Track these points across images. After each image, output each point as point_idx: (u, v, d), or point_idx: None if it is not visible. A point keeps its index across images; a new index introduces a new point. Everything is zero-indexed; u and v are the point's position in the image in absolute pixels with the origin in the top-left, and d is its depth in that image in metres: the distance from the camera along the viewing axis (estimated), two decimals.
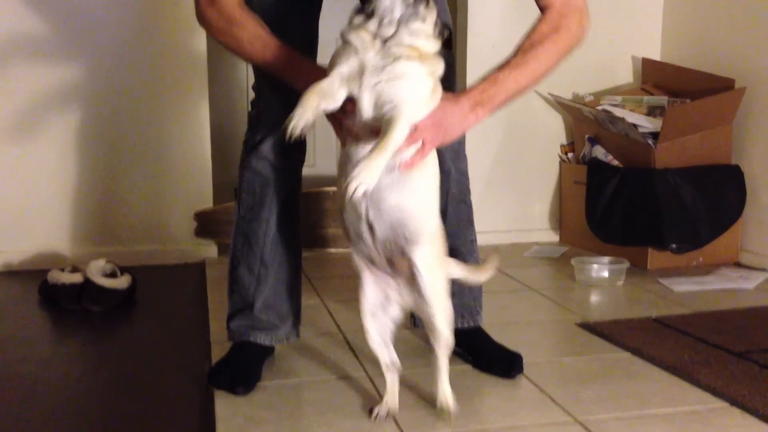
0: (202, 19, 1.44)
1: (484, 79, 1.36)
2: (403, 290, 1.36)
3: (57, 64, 2.65)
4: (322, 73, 1.29)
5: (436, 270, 1.34)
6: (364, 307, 1.37)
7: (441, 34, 1.26)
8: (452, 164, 1.60)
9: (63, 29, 2.63)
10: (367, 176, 1.13)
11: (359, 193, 1.13)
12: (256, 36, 1.40)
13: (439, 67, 1.25)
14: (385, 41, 1.20)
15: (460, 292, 1.65)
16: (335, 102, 1.21)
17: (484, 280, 1.57)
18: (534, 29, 1.40)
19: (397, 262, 1.33)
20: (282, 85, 1.49)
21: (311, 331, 1.89)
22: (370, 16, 1.21)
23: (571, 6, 1.41)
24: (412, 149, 1.24)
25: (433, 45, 1.25)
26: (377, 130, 1.19)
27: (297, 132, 1.17)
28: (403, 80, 1.20)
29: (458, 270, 1.47)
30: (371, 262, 1.35)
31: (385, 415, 1.37)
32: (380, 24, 1.21)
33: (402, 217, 1.27)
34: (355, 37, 1.22)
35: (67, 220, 2.70)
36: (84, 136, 2.69)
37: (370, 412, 1.38)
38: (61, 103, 2.66)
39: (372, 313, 1.37)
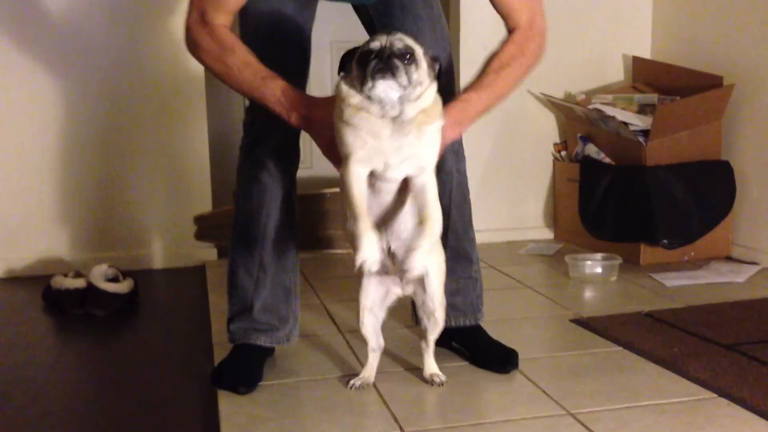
0: (193, 42, 1.44)
1: (460, 98, 1.46)
2: (408, 285, 1.50)
3: (57, 71, 2.68)
4: (317, 106, 1.37)
5: (439, 268, 1.48)
6: (364, 304, 1.50)
7: (432, 68, 1.33)
8: (454, 165, 1.65)
9: (63, 38, 2.66)
10: (421, 264, 1.34)
11: (417, 275, 1.38)
12: (246, 63, 1.40)
13: (437, 97, 1.34)
14: (393, 118, 1.28)
15: (465, 290, 1.70)
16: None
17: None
18: (503, 50, 1.49)
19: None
20: None
21: (311, 331, 1.93)
22: (368, 97, 1.27)
23: (535, 30, 1.51)
24: None
25: (431, 88, 1.33)
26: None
27: (375, 270, 1.34)
28: (424, 147, 1.32)
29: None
30: (385, 273, 1.46)
31: (359, 385, 1.52)
32: (382, 107, 1.27)
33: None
34: (362, 122, 1.28)
35: (69, 227, 2.74)
36: (84, 143, 2.73)
37: (347, 383, 1.52)
38: (61, 110, 2.70)
39: (370, 310, 1.50)
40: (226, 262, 1.69)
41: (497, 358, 1.64)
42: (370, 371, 1.55)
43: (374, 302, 1.50)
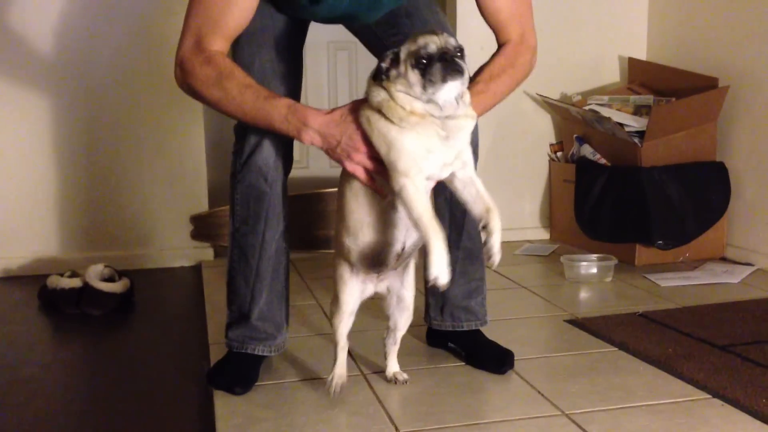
0: (187, 73, 1.38)
1: None
2: (381, 283, 1.48)
3: (53, 72, 2.68)
4: (331, 121, 1.33)
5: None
6: (345, 309, 1.47)
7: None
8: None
9: (60, 38, 2.66)
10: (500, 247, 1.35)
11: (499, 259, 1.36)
12: (246, 85, 1.35)
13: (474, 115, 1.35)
14: (446, 116, 1.26)
15: (477, 291, 1.72)
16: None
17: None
18: (493, 62, 1.51)
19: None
20: None
21: (307, 332, 1.93)
22: (428, 101, 1.24)
23: (525, 44, 1.53)
24: None
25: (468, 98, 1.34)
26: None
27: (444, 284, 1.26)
28: (467, 142, 1.32)
29: None
30: (378, 273, 1.45)
31: (340, 386, 1.48)
32: (444, 109, 1.25)
33: None
34: (424, 131, 1.24)
35: (65, 226, 2.74)
36: (81, 143, 2.72)
37: (328, 391, 1.48)
38: (57, 110, 2.69)
39: (351, 313, 1.48)
40: (221, 262, 1.69)
41: (493, 359, 1.65)
42: (342, 369, 1.51)
43: (355, 307, 1.48)
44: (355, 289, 1.46)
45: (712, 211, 2.68)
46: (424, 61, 1.22)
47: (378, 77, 1.28)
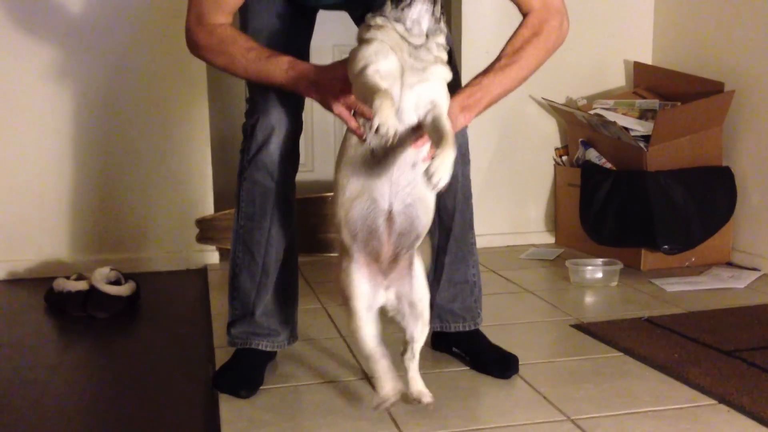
0: (193, 44, 1.46)
1: (471, 83, 1.43)
2: (398, 287, 1.38)
3: (59, 74, 2.68)
4: (327, 69, 1.35)
5: (422, 265, 1.43)
6: (358, 305, 1.34)
7: (448, 44, 1.34)
8: (460, 168, 1.63)
9: (64, 38, 2.67)
10: (446, 171, 1.17)
11: (441, 187, 1.16)
12: (249, 48, 1.42)
13: (449, 75, 1.32)
14: (414, 47, 1.26)
15: (462, 296, 1.69)
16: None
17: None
18: (516, 34, 1.47)
19: (401, 257, 1.37)
20: (277, 96, 1.53)
21: (312, 335, 1.93)
22: (396, 20, 1.26)
23: (551, 10, 1.48)
24: (429, 145, 1.29)
25: (445, 58, 1.32)
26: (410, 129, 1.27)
27: (391, 136, 1.18)
28: (439, 83, 1.28)
29: None
30: (375, 259, 1.35)
31: (389, 405, 1.36)
32: (409, 31, 1.26)
33: (421, 211, 1.34)
34: (386, 37, 1.26)
35: (71, 229, 2.74)
36: (86, 145, 2.73)
37: (377, 407, 1.37)
38: (63, 112, 2.70)
39: (369, 307, 1.35)
40: (227, 266, 1.69)
41: (498, 363, 1.65)
42: (387, 384, 1.35)
43: (370, 298, 1.34)
44: (361, 281, 1.34)
45: (717, 215, 2.68)
46: None
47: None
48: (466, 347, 1.71)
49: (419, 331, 1.41)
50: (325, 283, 2.49)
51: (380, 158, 1.30)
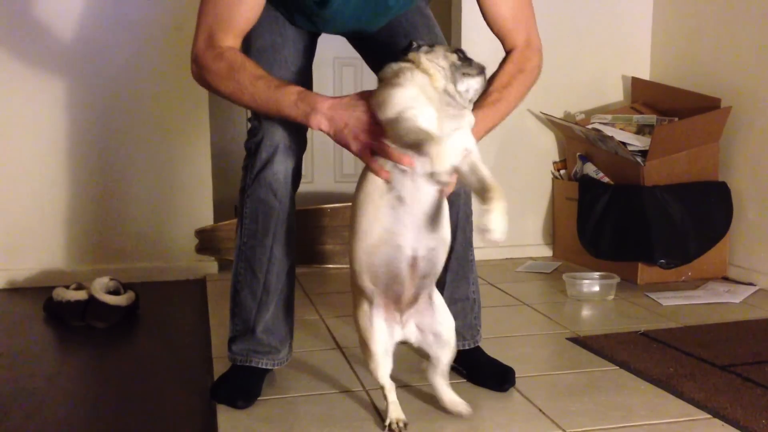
0: (202, 68, 1.43)
1: None
2: (419, 320, 1.43)
3: (60, 84, 2.70)
4: (340, 105, 1.36)
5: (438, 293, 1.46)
6: (376, 349, 1.39)
7: None
8: (461, 186, 1.65)
9: (66, 51, 2.69)
10: (503, 225, 1.21)
11: (500, 240, 1.21)
12: (258, 76, 1.40)
13: (474, 119, 1.39)
14: (449, 94, 1.31)
15: (462, 313, 1.70)
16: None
17: None
18: (503, 70, 1.53)
19: (421, 296, 1.41)
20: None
21: (310, 346, 1.94)
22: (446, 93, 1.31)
23: (533, 48, 1.55)
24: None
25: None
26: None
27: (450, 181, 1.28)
28: (469, 129, 1.34)
29: None
30: (395, 301, 1.38)
31: (403, 426, 1.42)
32: (459, 93, 1.32)
33: (442, 251, 1.38)
34: (420, 83, 1.29)
35: (70, 239, 2.76)
36: (87, 155, 2.75)
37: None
38: (64, 122, 2.72)
39: (385, 354, 1.40)
40: (226, 276, 1.70)
41: (494, 376, 1.65)
42: (396, 412, 1.43)
43: (386, 345, 1.40)
44: (380, 326, 1.38)
45: (714, 230, 2.69)
46: (462, 54, 1.33)
47: (407, 50, 1.34)
48: (463, 360, 1.71)
49: (446, 356, 1.46)
50: (323, 295, 2.50)
51: (407, 204, 1.31)
